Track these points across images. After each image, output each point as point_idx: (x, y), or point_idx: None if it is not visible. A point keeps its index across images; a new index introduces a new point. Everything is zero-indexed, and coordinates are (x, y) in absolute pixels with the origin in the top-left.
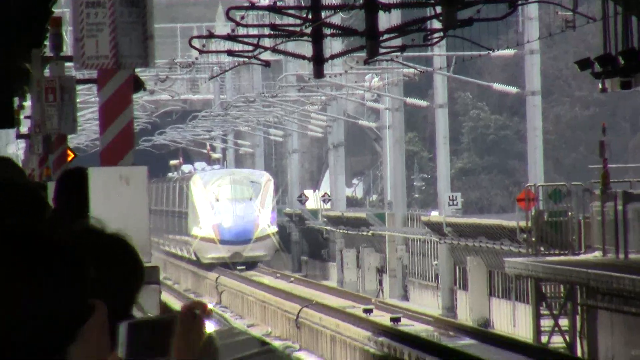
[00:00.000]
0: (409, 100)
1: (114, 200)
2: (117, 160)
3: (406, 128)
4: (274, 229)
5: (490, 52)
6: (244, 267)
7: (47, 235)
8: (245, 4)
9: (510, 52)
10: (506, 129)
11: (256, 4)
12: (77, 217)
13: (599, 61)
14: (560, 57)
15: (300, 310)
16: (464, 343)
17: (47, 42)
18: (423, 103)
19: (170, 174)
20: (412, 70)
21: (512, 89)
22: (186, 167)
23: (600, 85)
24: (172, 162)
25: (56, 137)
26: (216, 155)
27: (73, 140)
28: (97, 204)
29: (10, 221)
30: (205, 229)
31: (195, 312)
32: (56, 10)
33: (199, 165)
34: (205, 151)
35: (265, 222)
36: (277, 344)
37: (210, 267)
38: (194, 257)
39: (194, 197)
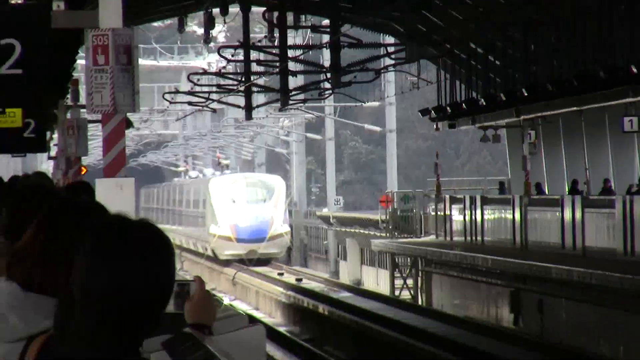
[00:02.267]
0: (308, 135)
1: (113, 201)
2: (115, 174)
3: (306, 153)
4: (287, 228)
5: (363, 103)
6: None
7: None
8: (200, 71)
9: (376, 103)
10: (373, 154)
11: (207, 71)
12: None
13: (434, 110)
14: (409, 107)
15: (235, 274)
16: (344, 295)
17: (69, 95)
18: (318, 137)
19: (176, 179)
20: (310, 115)
21: (377, 128)
22: (193, 173)
23: (435, 126)
24: (180, 168)
25: (74, 158)
26: (225, 161)
27: (85, 160)
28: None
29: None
30: (223, 228)
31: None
32: (75, 74)
33: (208, 171)
34: (181, 168)
35: (278, 222)
36: (219, 295)
37: (227, 263)
38: (211, 254)
39: (211, 198)
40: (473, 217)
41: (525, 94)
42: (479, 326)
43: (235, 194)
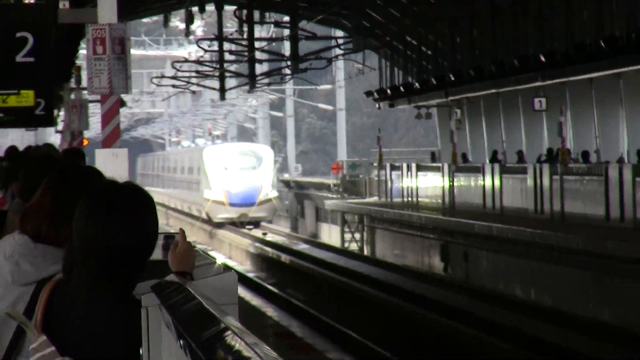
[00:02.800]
0: (272, 112)
1: (109, 167)
2: (111, 145)
3: (271, 128)
4: (275, 194)
5: (317, 86)
6: (251, 226)
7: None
8: (182, 60)
9: (328, 86)
10: (326, 129)
11: (187, 59)
12: None
13: (376, 92)
14: (356, 89)
15: (212, 229)
16: (302, 247)
17: (73, 79)
18: (280, 114)
19: (169, 148)
20: (273, 96)
21: (329, 107)
22: (185, 143)
23: (377, 105)
24: (173, 139)
25: (77, 132)
26: (216, 132)
27: (86, 134)
28: (101, 169)
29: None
30: (216, 193)
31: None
32: (78, 62)
33: (200, 140)
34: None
35: (267, 188)
36: (199, 246)
37: (220, 225)
38: (205, 217)
39: (205, 166)
40: (409, 181)
41: (452, 79)
42: (414, 272)
43: (227, 161)
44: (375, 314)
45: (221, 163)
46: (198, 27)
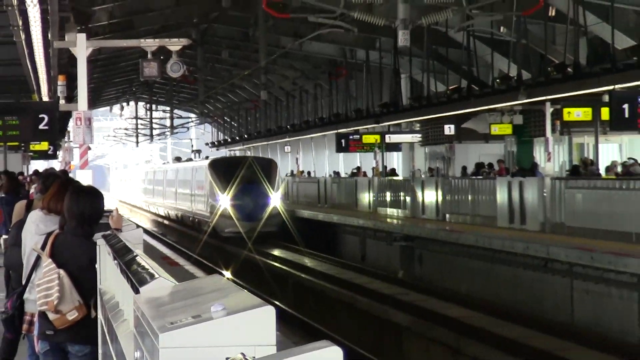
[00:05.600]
0: (161, 153)
1: (83, 179)
2: (84, 168)
3: (160, 157)
4: (283, 208)
5: (182, 140)
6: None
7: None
8: (118, 128)
9: (188, 140)
10: (189, 155)
11: (121, 128)
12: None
13: (211, 143)
14: (202, 141)
15: (132, 209)
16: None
17: (66, 136)
18: (165, 154)
19: (147, 163)
20: (162, 144)
21: (189, 150)
22: (177, 159)
23: (211, 149)
24: (147, 160)
25: (68, 161)
26: (196, 149)
27: (73, 162)
28: (79, 180)
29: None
30: (222, 207)
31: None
32: (68, 128)
33: (183, 156)
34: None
35: (275, 202)
36: (125, 216)
37: (227, 241)
38: (212, 231)
39: (210, 178)
40: None
41: (246, 137)
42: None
43: (233, 174)
44: (211, 249)
45: (227, 176)
46: (126, 111)
